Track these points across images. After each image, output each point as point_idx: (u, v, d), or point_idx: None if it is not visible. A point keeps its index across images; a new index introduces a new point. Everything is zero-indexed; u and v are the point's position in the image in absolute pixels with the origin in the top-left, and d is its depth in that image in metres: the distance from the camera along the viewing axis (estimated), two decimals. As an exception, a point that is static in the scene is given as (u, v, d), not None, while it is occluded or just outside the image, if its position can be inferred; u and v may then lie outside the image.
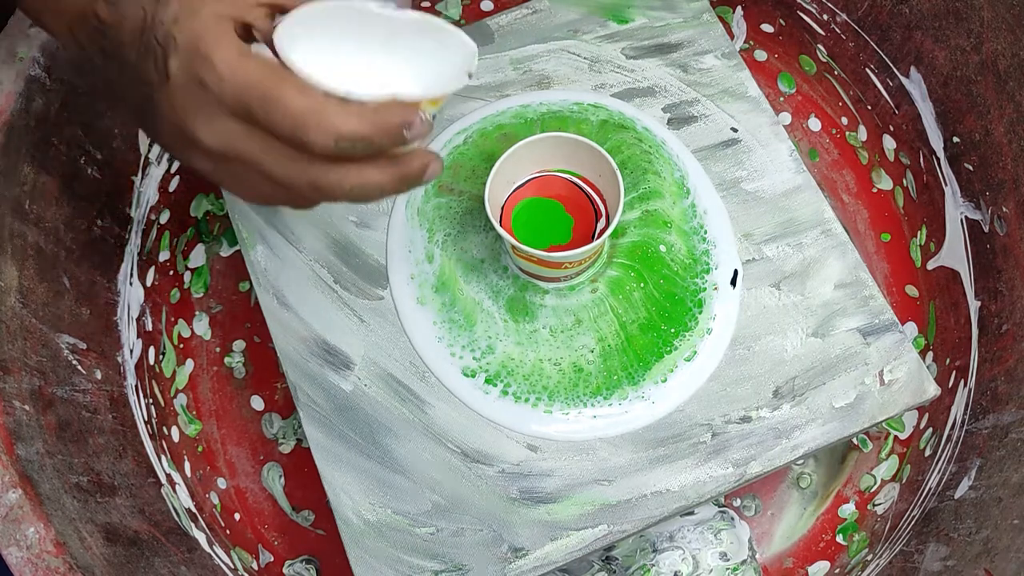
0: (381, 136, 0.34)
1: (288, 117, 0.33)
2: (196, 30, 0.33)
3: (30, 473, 0.44)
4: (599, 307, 0.52)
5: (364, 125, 0.34)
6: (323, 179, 0.35)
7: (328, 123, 0.33)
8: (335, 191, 0.35)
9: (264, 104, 0.33)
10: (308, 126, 0.33)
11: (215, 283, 0.68)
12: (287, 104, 0.33)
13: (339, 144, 0.33)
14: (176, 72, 0.33)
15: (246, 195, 0.37)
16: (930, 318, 0.64)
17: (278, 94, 0.33)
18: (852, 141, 0.70)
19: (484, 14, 0.72)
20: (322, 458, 0.51)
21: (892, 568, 0.56)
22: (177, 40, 0.33)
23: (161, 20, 0.34)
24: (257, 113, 0.33)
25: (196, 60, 0.33)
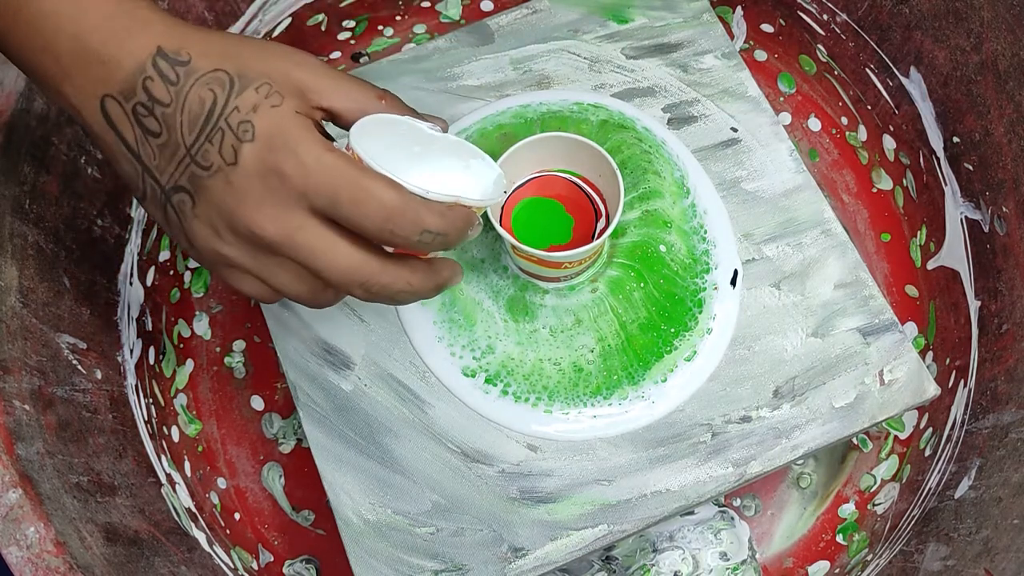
0: (455, 233, 0.37)
1: (381, 209, 0.34)
2: (278, 122, 0.34)
3: (30, 473, 0.44)
4: (599, 307, 0.52)
5: (443, 221, 0.36)
6: (376, 278, 0.36)
7: (416, 217, 0.35)
8: (380, 291, 0.37)
9: (356, 195, 0.34)
10: (399, 218, 0.34)
11: (215, 283, 0.68)
12: (380, 197, 0.34)
13: (421, 238, 0.35)
14: (249, 159, 0.34)
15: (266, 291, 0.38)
16: (930, 318, 0.64)
17: (371, 187, 0.34)
18: (852, 141, 0.70)
19: (484, 14, 0.72)
20: (322, 458, 0.51)
21: (892, 568, 0.56)
22: (256, 128, 0.34)
23: (236, 107, 0.34)
24: (344, 204, 0.34)
25: (277, 150, 0.34)
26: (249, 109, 0.34)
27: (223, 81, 0.34)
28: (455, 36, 0.61)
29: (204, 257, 0.37)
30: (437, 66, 0.60)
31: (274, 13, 0.67)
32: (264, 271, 0.36)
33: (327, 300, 0.38)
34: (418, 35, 0.73)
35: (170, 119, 0.34)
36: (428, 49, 0.61)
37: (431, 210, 0.36)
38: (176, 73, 0.34)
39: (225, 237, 0.35)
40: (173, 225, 0.37)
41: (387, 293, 0.37)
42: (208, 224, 0.35)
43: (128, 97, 0.35)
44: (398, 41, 0.73)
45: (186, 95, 0.34)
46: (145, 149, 0.35)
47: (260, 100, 0.34)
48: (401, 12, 0.73)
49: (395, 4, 0.72)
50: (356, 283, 0.36)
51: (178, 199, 0.35)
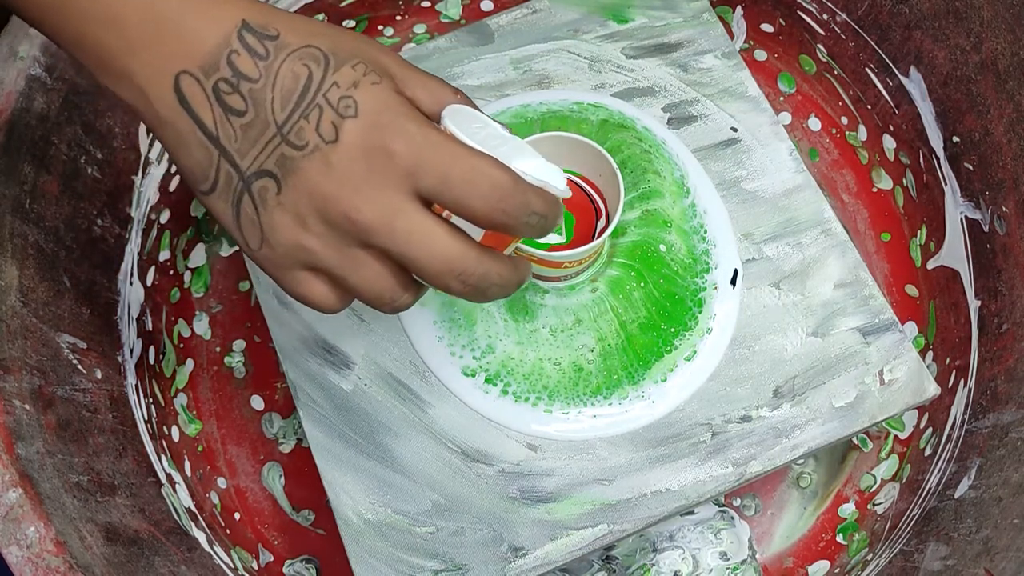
0: (552, 217, 0.35)
1: (495, 188, 0.32)
2: (382, 98, 0.32)
3: (30, 472, 0.44)
4: (599, 306, 0.52)
5: (546, 206, 0.34)
6: (474, 269, 0.33)
7: (525, 198, 0.33)
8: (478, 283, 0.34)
9: (468, 173, 0.32)
10: (509, 199, 0.32)
11: (215, 283, 0.68)
12: (493, 175, 0.32)
13: (528, 219, 0.33)
14: (352, 137, 0.32)
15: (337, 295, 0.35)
16: (930, 318, 0.64)
17: (483, 166, 0.32)
18: (852, 141, 0.70)
19: (484, 14, 0.72)
20: (322, 458, 0.51)
21: (892, 568, 0.56)
22: (359, 105, 0.32)
23: (335, 82, 0.32)
24: (455, 184, 0.32)
25: (384, 127, 0.32)
26: (349, 84, 0.32)
27: (317, 57, 0.32)
28: (455, 36, 0.61)
29: (278, 254, 0.34)
30: (437, 66, 0.60)
31: (274, 13, 0.67)
32: (346, 267, 0.33)
33: (404, 302, 0.35)
34: (418, 35, 0.73)
35: (258, 95, 0.32)
36: (428, 49, 0.61)
37: (537, 192, 0.34)
38: (265, 47, 0.32)
39: (312, 227, 0.33)
40: (246, 220, 0.33)
41: (482, 286, 0.34)
42: (294, 213, 0.33)
43: (209, 73, 0.32)
44: (398, 41, 0.73)
45: (277, 70, 0.32)
46: (225, 130, 0.32)
47: (359, 77, 0.32)
48: (401, 12, 0.73)
49: (395, 4, 0.72)
50: (454, 273, 0.33)
51: (260, 186, 0.33)
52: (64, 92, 0.54)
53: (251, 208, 0.33)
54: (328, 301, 0.35)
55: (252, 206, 0.33)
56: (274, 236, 0.33)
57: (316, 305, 0.35)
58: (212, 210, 0.34)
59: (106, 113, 0.57)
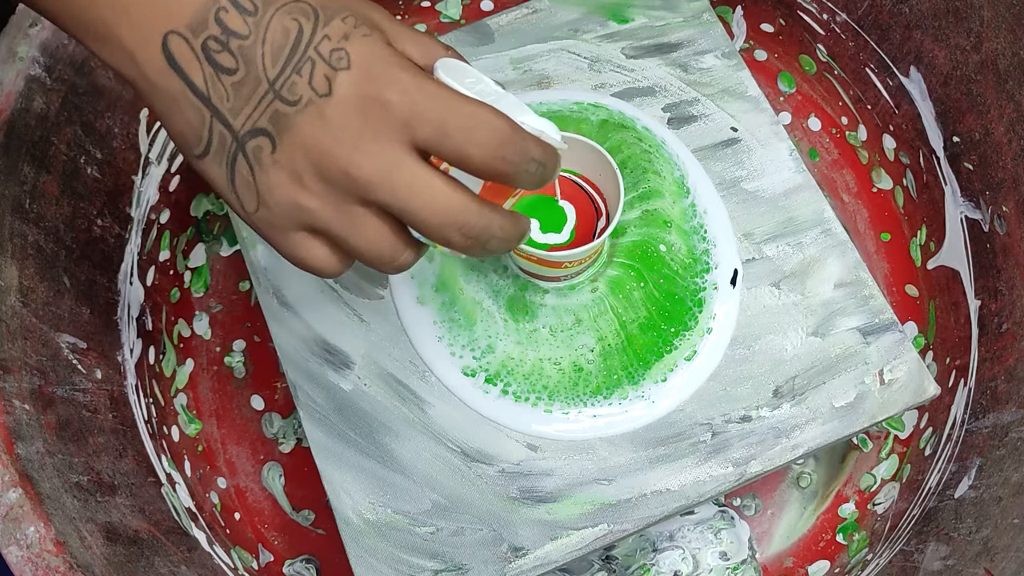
0: (551, 166, 0.34)
1: (493, 135, 0.32)
2: (374, 50, 0.31)
3: (30, 472, 0.44)
4: (599, 306, 0.52)
5: (544, 153, 0.33)
6: (475, 220, 0.32)
7: (524, 145, 0.32)
8: (480, 234, 0.33)
9: (466, 121, 0.31)
10: (508, 146, 0.32)
11: (215, 283, 0.68)
12: (491, 122, 0.32)
13: (527, 167, 0.33)
14: (345, 89, 0.31)
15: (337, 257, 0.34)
16: (930, 317, 0.64)
17: (481, 113, 0.32)
18: (852, 141, 0.70)
19: (484, 14, 0.72)
20: (322, 457, 0.51)
21: (892, 568, 0.56)
22: (351, 56, 0.31)
23: (326, 35, 0.31)
24: (453, 132, 0.31)
25: (378, 77, 0.31)
26: (340, 37, 0.31)
27: (306, 11, 0.31)
28: (455, 36, 0.61)
29: (275, 215, 0.33)
30: (437, 66, 0.60)
31: (274, 13, 0.67)
32: (346, 225, 0.33)
33: (405, 261, 0.34)
34: (418, 35, 0.73)
35: (249, 52, 0.31)
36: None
37: (535, 140, 0.33)
38: (253, 3, 0.31)
39: (309, 184, 0.32)
40: (241, 181, 0.33)
41: (483, 238, 0.33)
42: (290, 171, 0.32)
43: (197, 32, 0.31)
44: (398, 41, 0.73)
45: (267, 25, 0.31)
46: (216, 90, 0.32)
47: (350, 29, 0.32)
48: (401, 12, 0.73)
49: (395, 4, 0.72)
50: (455, 226, 0.32)
51: (254, 145, 0.32)
52: (64, 92, 0.54)
53: (246, 168, 0.32)
54: (328, 263, 0.34)
55: (247, 166, 0.32)
56: (271, 196, 0.33)
57: (316, 268, 0.34)
58: (206, 174, 0.34)
59: (106, 113, 0.57)
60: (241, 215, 0.34)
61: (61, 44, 0.53)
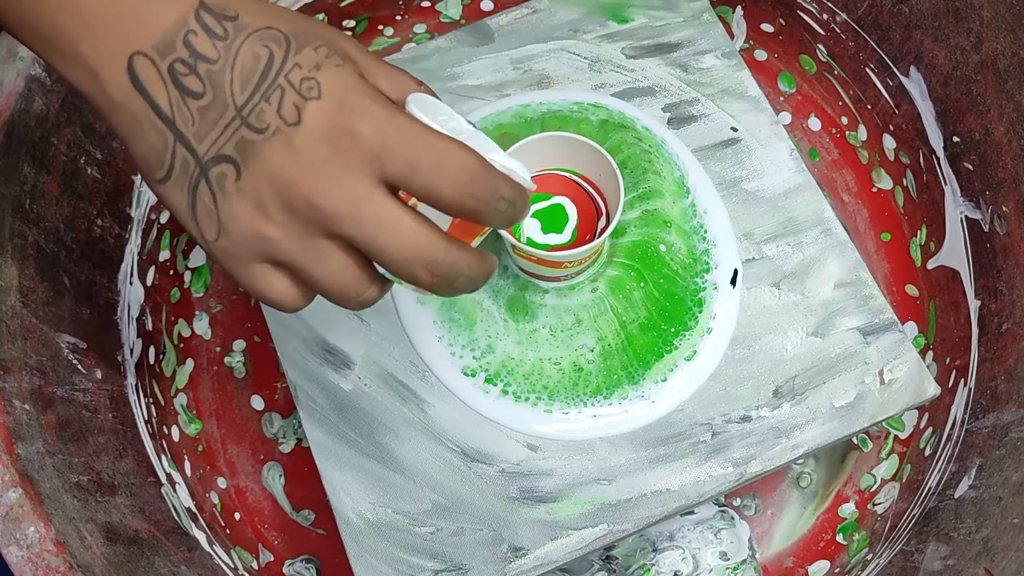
0: (521, 205, 0.34)
1: (464, 172, 0.31)
2: (346, 80, 0.31)
3: (30, 472, 0.44)
4: (599, 306, 0.52)
5: (514, 192, 0.33)
6: (443, 258, 0.32)
7: (495, 183, 0.32)
8: (447, 272, 0.32)
9: (438, 156, 0.31)
10: (478, 183, 0.31)
11: (215, 282, 0.68)
12: (462, 159, 0.31)
13: (497, 205, 0.32)
14: (315, 119, 0.30)
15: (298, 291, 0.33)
16: (930, 317, 0.64)
17: (452, 149, 0.31)
18: (852, 141, 0.70)
19: (484, 14, 0.72)
20: (322, 457, 0.51)
21: (892, 567, 0.56)
22: (322, 86, 0.31)
23: (297, 63, 0.31)
24: (424, 167, 0.31)
25: (348, 109, 0.31)
26: (312, 66, 0.31)
27: (278, 38, 0.31)
28: (455, 36, 0.61)
29: (236, 246, 0.32)
30: (437, 66, 0.60)
31: (274, 13, 0.67)
32: (310, 257, 0.32)
33: (369, 297, 0.34)
34: (418, 35, 0.73)
35: (217, 77, 0.30)
36: (428, 49, 0.61)
37: (506, 179, 0.33)
38: (224, 28, 0.31)
39: (272, 215, 0.31)
40: (202, 209, 0.32)
41: (450, 276, 0.33)
42: (253, 200, 0.31)
43: (164, 54, 0.31)
44: (398, 41, 0.73)
45: (237, 50, 0.31)
46: (182, 113, 0.31)
47: (322, 59, 0.31)
48: (401, 12, 0.73)
49: (395, 4, 0.72)
50: (423, 262, 0.32)
51: (218, 172, 0.31)
52: (64, 93, 0.54)
53: (208, 196, 0.32)
54: (289, 297, 0.34)
55: (209, 193, 0.31)
56: (233, 225, 0.32)
57: (276, 302, 0.34)
58: (166, 200, 0.33)
59: (106, 113, 0.57)
60: (201, 243, 0.33)
61: (61, 44, 0.53)
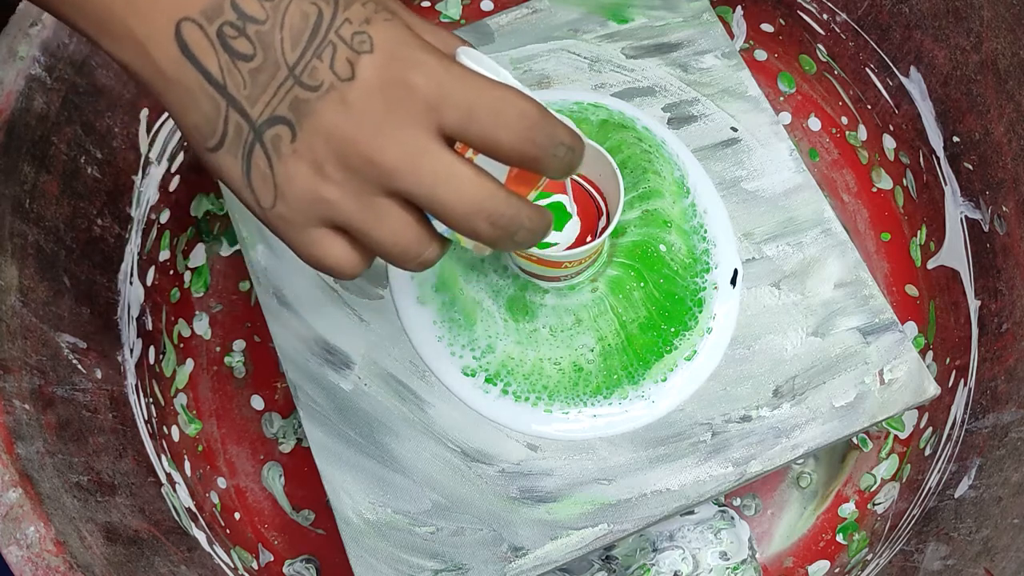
0: (579, 150, 0.33)
1: (523, 118, 0.31)
2: (397, 33, 0.31)
3: (30, 472, 0.44)
4: (599, 306, 0.52)
5: (572, 135, 0.32)
6: (504, 209, 0.31)
7: (554, 128, 0.31)
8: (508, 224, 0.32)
9: (495, 104, 0.30)
10: (538, 128, 0.31)
11: (215, 283, 0.68)
12: (520, 105, 0.31)
13: (556, 151, 0.32)
14: (369, 73, 0.30)
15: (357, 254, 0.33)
16: (930, 317, 0.64)
17: (509, 95, 0.31)
18: (852, 141, 0.70)
19: (484, 14, 0.72)
20: (322, 457, 0.51)
21: (892, 567, 0.56)
22: (374, 40, 0.30)
23: (347, 19, 0.30)
24: (482, 115, 0.30)
25: (402, 60, 0.30)
26: (361, 21, 0.30)
27: None
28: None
29: (293, 210, 0.32)
30: (437, 66, 0.60)
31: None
32: (369, 217, 0.31)
33: (430, 256, 0.33)
34: (418, 35, 0.73)
35: (266, 37, 0.30)
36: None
37: (564, 124, 0.32)
38: None
39: (331, 174, 0.31)
40: (257, 175, 0.32)
41: (511, 228, 0.32)
42: (310, 160, 0.31)
43: (212, 18, 0.30)
44: (398, 41, 0.73)
45: (285, 9, 0.30)
46: (233, 77, 0.30)
47: (371, 14, 0.31)
48: (401, 12, 0.73)
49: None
50: (484, 215, 0.31)
51: (273, 134, 0.31)
52: (64, 92, 0.54)
53: (263, 160, 0.31)
54: (348, 262, 0.33)
55: (265, 157, 0.31)
56: (290, 189, 0.31)
57: (334, 267, 0.33)
58: (219, 168, 0.32)
59: (106, 113, 0.57)
60: (256, 212, 0.33)
61: (62, 43, 0.53)
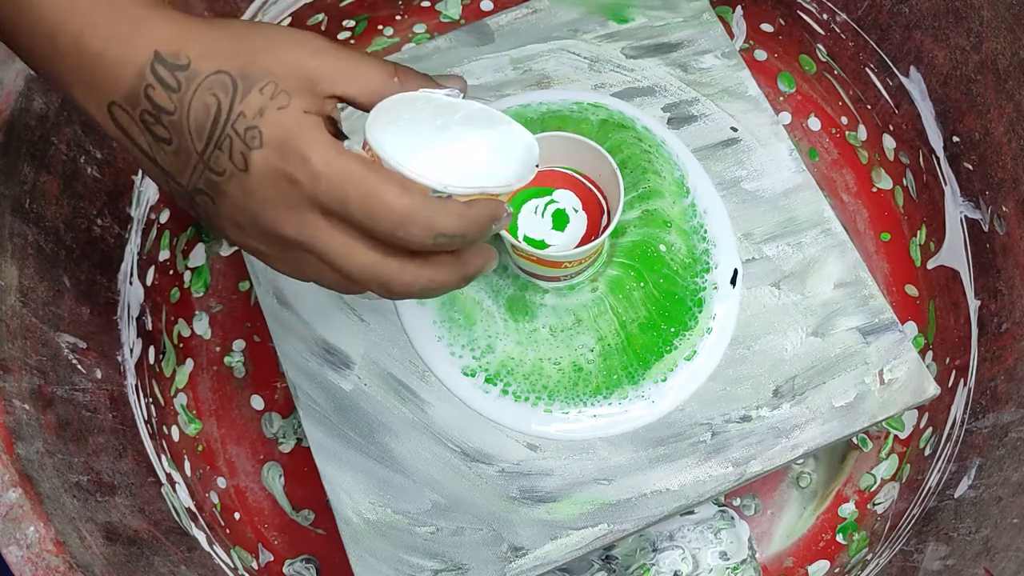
0: (475, 231, 0.35)
1: (392, 214, 0.33)
2: (286, 125, 0.33)
3: (30, 472, 0.44)
4: (599, 306, 0.52)
5: (461, 222, 0.35)
6: (395, 278, 0.35)
7: (428, 221, 0.34)
8: (402, 290, 0.36)
9: (366, 202, 0.33)
10: (410, 224, 0.33)
11: (215, 282, 0.68)
12: (390, 203, 0.33)
13: (436, 241, 0.34)
14: (259, 166, 0.33)
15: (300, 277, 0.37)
16: (930, 317, 0.64)
17: (381, 192, 0.33)
18: (852, 141, 0.70)
19: (484, 14, 0.72)
20: (322, 457, 0.51)
21: (892, 567, 0.56)
22: (264, 134, 0.33)
23: (242, 112, 0.33)
24: (355, 211, 0.33)
25: (287, 156, 0.33)
26: (255, 113, 0.33)
27: (225, 84, 0.33)
28: (455, 36, 0.61)
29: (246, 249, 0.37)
30: (437, 66, 0.60)
31: (274, 13, 0.67)
32: (293, 263, 0.36)
33: (357, 291, 0.37)
34: (418, 35, 0.73)
35: (177, 127, 0.33)
36: (428, 49, 0.61)
37: (448, 211, 0.34)
38: (176, 79, 0.33)
39: (251, 233, 0.35)
40: (203, 219, 0.37)
41: (409, 292, 0.36)
42: (233, 222, 0.35)
43: (134, 105, 0.34)
44: (398, 41, 0.73)
45: (189, 102, 0.33)
46: (160, 155, 0.35)
47: (265, 102, 0.33)
48: (401, 12, 0.73)
49: (395, 4, 0.72)
50: (375, 283, 0.35)
51: (201, 200, 0.35)
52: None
53: (204, 212, 0.36)
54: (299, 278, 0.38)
55: (204, 211, 0.36)
56: (228, 236, 0.36)
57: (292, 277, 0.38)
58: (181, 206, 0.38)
59: (106, 113, 0.57)
60: None
61: (61, 44, 0.53)
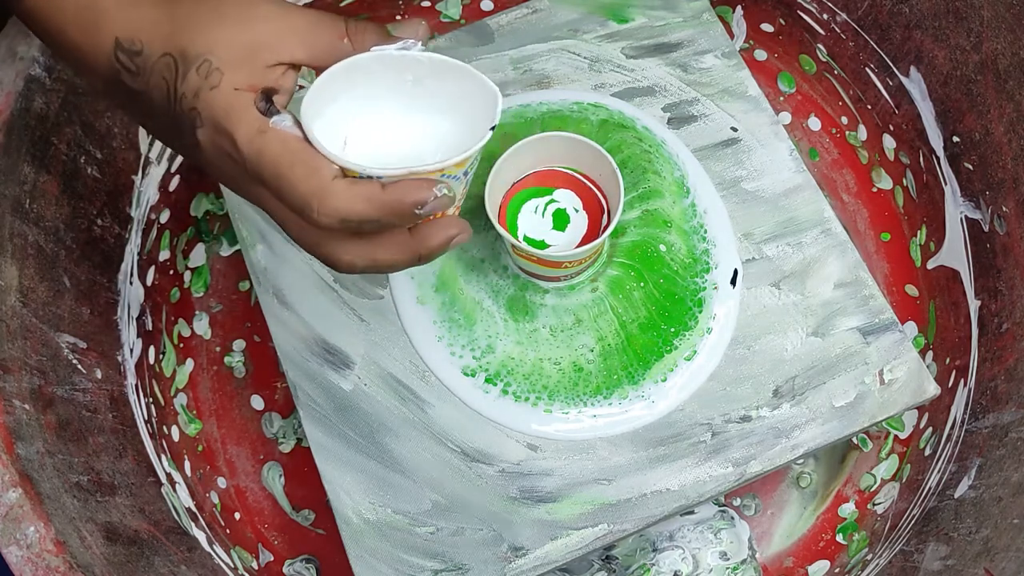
0: (389, 216, 0.35)
1: (296, 197, 0.34)
2: (216, 105, 0.34)
3: (30, 472, 0.44)
4: (599, 306, 0.52)
5: (371, 207, 0.34)
6: (335, 255, 0.36)
7: (330, 206, 0.34)
8: (346, 268, 0.36)
9: (276, 182, 0.34)
10: (312, 208, 0.34)
11: (215, 282, 0.68)
12: (295, 185, 0.34)
13: (345, 224, 0.34)
14: (205, 143, 0.35)
15: None
16: (930, 317, 0.64)
17: (288, 174, 0.34)
18: (852, 141, 0.70)
19: (484, 14, 0.72)
20: (322, 457, 0.51)
21: (892, 567, 0.56)
22: (201, 114, 0.34)
23: (183, 93, 0.34)
24: (271, 190, 0.35)
25: (221, 134, 0.34)
26: (193, 95, 0.34)
27: (170, 67, 0.34)
28: (455, 36, 0.61)
29: None
30: (437, 66, 0.60)
31: (274, 13, 0.67)
32: None
33: None
34: (418, 35, 0.73)
35: (148, 108, 0.36)
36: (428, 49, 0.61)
37: (354, 195, 0.34)
38: (135, 64, 0.35)
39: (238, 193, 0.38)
40: None
41: (352, 269, 0.37)
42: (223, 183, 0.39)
43: (116, 89, 0.36)
44: (398, 41, 0.73)
45: (150, 86, 0.35)
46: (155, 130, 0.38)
47: (200, 83, 0.34)
48: (401, 12, 0.73)
49: (395, 4, 0.72)
50: (320, 258, 0.37)
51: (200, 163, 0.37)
52: (63, 92, 0.54)
53: None
54: None
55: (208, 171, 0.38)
56: None
57: None
58: None
59: (105, 113, 0.57)
60: None
61: (61, 44, 0.53)
